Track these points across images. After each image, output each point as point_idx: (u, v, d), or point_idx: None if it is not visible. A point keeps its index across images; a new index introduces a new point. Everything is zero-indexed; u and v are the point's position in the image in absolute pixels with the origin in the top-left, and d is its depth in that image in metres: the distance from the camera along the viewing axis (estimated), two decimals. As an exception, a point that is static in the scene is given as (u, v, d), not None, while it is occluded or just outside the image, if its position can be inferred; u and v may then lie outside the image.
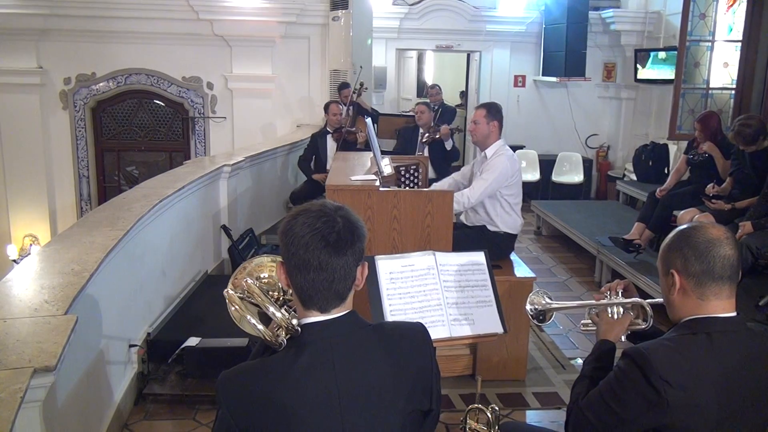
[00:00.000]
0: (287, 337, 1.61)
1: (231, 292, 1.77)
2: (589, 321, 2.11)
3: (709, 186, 5.11)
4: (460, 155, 8.38)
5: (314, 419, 1.43)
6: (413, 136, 6.56)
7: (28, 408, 2.04)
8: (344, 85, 7.65)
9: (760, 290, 4.24)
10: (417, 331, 1.62)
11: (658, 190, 5.68)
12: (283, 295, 1.79)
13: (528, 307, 2.25)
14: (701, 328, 1.67)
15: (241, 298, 1.76)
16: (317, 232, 1.44)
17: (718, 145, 5.32)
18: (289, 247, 1.46)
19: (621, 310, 2.04)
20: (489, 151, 4.16)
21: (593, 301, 2.11)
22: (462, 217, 4.29)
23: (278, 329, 1.67)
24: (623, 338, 2.03)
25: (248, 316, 1.70)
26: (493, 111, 4.16)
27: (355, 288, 1.53)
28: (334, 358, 1.46)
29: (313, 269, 1.45)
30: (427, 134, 6.31)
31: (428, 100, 7.74)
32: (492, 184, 4.03)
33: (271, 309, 1.67)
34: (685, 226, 1.76)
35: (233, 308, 1.75)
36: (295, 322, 1.54)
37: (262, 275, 1.82)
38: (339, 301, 1.50)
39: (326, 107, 6.92)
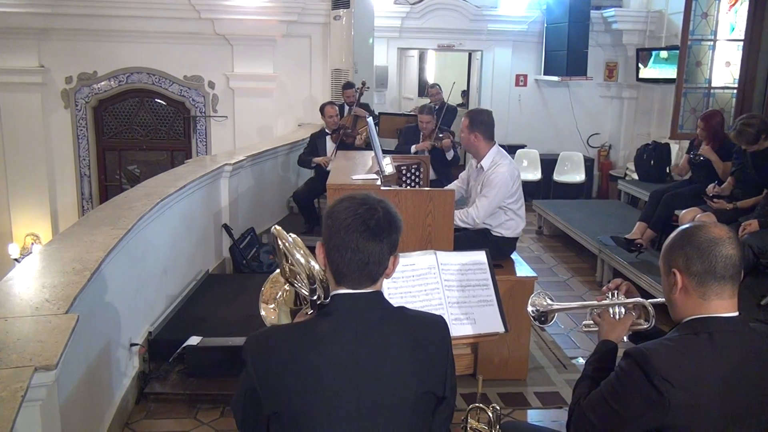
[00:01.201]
0: (320, 296, 1.74)
1: (279, 228, 1.94)
2: (591, 322, 2.11)
3: (710, 186, 5.10)
4: (461, 159, 8.35)
5: (333, 382, 1.52)
6: (416, 135, 6.54)
7: (29, 407, 2.03)
8: (348, 85, 7.61)
9: (762, 290, 4.24)
10: (437, 323, 1.70)
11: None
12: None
13: (529, 308, 2.24)
14: (703, 327, 1.67)
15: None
16: (358, 217, 1.56)
17: (719, 144, 5.31)
18: (331, 228, 1.58)
19: (623, 310, 2.03)
20: (485, 162, 4.03)
21: (595, 302, 2.10)
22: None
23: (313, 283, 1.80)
24: (625, 338, 2.03)
25: (295, 253, 1.85)
26: (476, 121, 4.01)
27: (385, 276, 1.64)
28: (357, 327, 1.56)
29: (351, 250, 1.56)
30: (433, 143, 6.25)
31: (429, 101, 7.72)
32: (495, 200, 3.96)
33: (312, 262, 1.81)
34: (687, 226, 1.76)
35: (282, 243, 1.90)
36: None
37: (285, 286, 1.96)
38: (370, 282, 1.61)
39: (321, 109, 6.89)
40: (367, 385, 1.53)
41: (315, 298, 1.79)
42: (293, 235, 1.93)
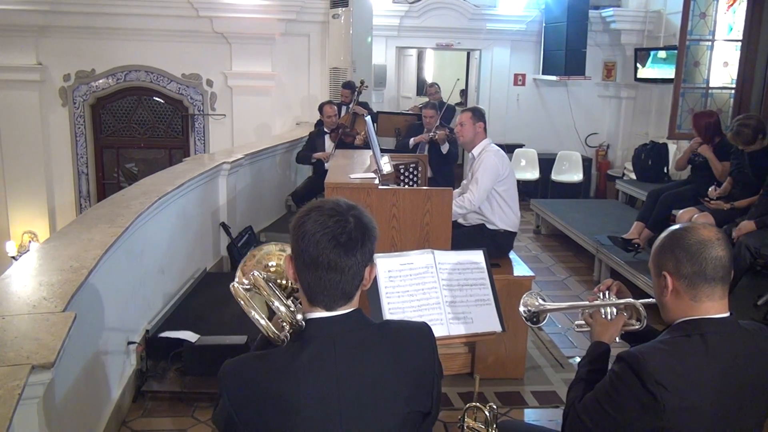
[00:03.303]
0: (290, 331, 1.60)
1: (237, 286, 1.76)
2: (583, 321, 2.11)
3: (711, 188, 5.10)
4: (459, 156, 8.35)
5: (314, 413, 1.43)
6: (418, 133, 6.57)
7: (26, 405, 2.04)
8: (347, 85, 7.60)
9: (759, 290, 4.25)
10: (421, 332, 1.61)
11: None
12: (292, 284, 1.80)
13: (521, 308, 2.24)
14: (695, 329, 1.67)
15: (248, 290, 1.76)
16: (328, 231, 1.44)
17: (716, 145, 5.32)
18: (299, 243, 1.46)
19: (614, 310, 2.03)
20: (476, 151, 4.28)
21: (587, 302, 2.10)
22: (460, 218, 4.29)
23: (283, 322, 1.67)
24: (617, 339, 2.03)
25: (252, 312, 1.68)
26: (478, 114, 4.30)
27: (362, 288, 1.53)
28: (337, 353, 1.46)
29: (322, 268, 1.45)
30: (430, 134, 6.31)
31: (429, 100, 7.72)
32: (487, 180, 4.09)
33: (276, 303, 1.66)
34: (676, 227, 1.75)
35: (240, 302, 1.75)
36: (299, 317, 1.55)
37: (270, 263, 1.83)
38: (345, 300, 1.51)
39: (320, 109, 6.89)
40: (351, 414, 1.45)
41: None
42: (255, 273, 1.73)
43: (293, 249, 1.50)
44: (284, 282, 1.81)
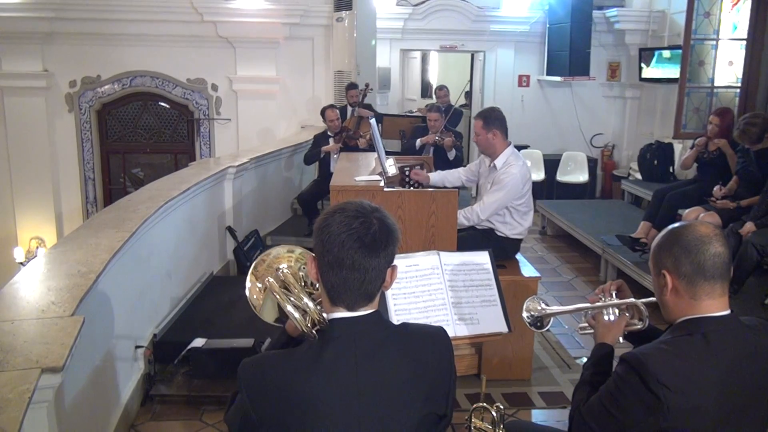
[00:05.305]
0: (316, 329, 1.63)
1: (272, 281, 1.80)
2: (586, 324, 2.11)
3: (716, 188, 5.09)
4: (464, 161, 8.36)
5: (332, 413, 1.45)
6: (423, 135, 6.58)
7: (36, 408, 2.05)
8: (352, 85, 7.63)
9: (766, 289, 4.24)
10: (439, 336, 1.64)
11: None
12: (305, 287, 1.81)
13: (524, 314, 2.23)
14: (696, 328, 1.66)
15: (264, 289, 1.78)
16: (353, 232, 1.46)
17: (729, 142, 5.30)
18: (324, 244, 1.49)
19: (617, 311, 2.03)
20: (498, 162, 3.98)
21: (588, 304, 2.10)
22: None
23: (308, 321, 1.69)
24: (621, 339, 2.02)
25: (288, 306, 1.70)
26: (491, 119, 3.96)
27: (383, 289, 1.56)
28: (357, 353, 1.49)
29: (347, 268, 1.47)
30: (436, 138, 6.32)
31: (436, 102, 7.73)
32: (502, 199, 3.92)
33: (305, 300, 1.69)
34: (674, 226, 1.74)
35: (276, 296, 1.76)
36: (325, 315, 1.57)
37: (281, 266, 1.86)
38: (367, 301, 1.53)
39: (322, 113, 6.87)
40: (369, 414, 1.47)
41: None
42: (270, 280, 1.76)
43: (317, 250, 1.52)
44: (297, 282, 1.82)
